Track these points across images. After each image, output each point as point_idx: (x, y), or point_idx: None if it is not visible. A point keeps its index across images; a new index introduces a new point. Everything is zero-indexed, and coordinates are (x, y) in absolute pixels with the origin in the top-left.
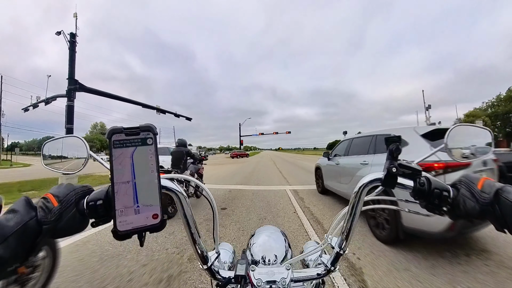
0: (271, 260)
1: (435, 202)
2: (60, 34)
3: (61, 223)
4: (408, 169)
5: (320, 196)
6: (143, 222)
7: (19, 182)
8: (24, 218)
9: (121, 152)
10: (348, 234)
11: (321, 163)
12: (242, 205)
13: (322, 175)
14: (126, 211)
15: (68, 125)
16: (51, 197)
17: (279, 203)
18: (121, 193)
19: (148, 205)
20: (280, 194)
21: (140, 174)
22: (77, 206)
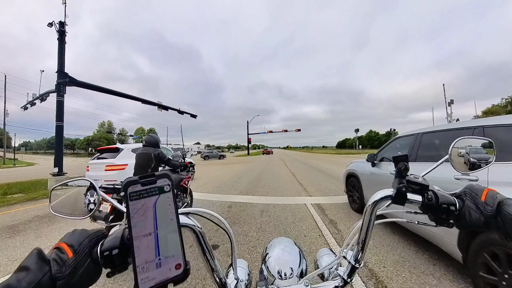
0: (287, 273)
1: (442, 216)
2: (52, 26)
3: (75, 276)
4: (416, 184)
5: (358, 218)
6: (166, 275)
7: (8, 184)
8: (37, 275)
9: (142, 203)
10: (363, 247)
11: (357, 169)
12: (245, 238)
13: (362, 187)
14: (148, 267)
15: (58, 122)
16: (65, 247)
17: (302, 232)
18: (142, 247)
19: (170, 256)
20: (299, 212)
21: (160, 224)
22: (91, 255)
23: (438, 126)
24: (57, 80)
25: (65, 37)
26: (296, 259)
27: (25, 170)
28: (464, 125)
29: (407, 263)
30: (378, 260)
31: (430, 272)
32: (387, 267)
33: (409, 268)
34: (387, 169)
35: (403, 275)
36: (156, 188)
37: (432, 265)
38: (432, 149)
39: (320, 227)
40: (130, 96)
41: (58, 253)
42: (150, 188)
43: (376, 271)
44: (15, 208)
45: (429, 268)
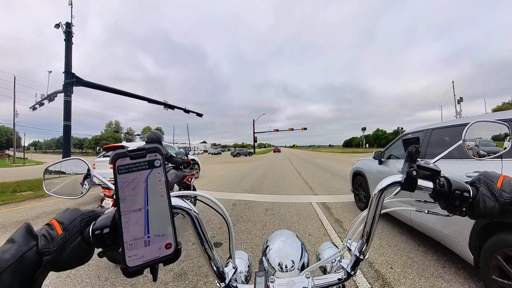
0: (289, 266)
1: (456, 203)
2: (58, 27)
3: (64, 253)
4: (427, 170)
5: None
6: (155, 254)
7: (18, 181)
8: (22, 248)
9: (133, 177)
10: (368, 239)
11: (364, 167)
12: (248, 237)
13: (368, 186)
14: (136, 244)
15: (65, 122)
16: (56, 224)
17: (306, 231)
18: (131, 223)
19: (160, 234)
20: (305, 210)
21: (151, 200)
22: (82, 234)
23: (448, 121)
24: (64, 80)
25: (72, 37)
26: (297, 252)
27: (34, 168)
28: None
29: (415, 264)
30: (385, 260)
31: (439, 275)
32: (394, 268)
33: (417, 270)
34: (394, 167)
35: (411, 277)
36: (146, 162)
37: (442, 267)
38: (442, 146)
39: (326, 226)
40: (137, 96)
41: (47, 229)
42: (140, 162)
43: (383, 272)
44: (24, 205)
45: (438, 270)
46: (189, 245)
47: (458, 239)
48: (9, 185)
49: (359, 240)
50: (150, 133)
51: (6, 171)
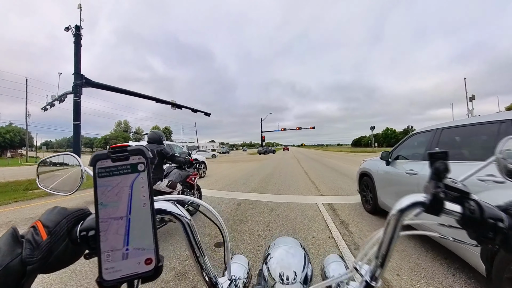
0: (290, 278)
1: (488, 234)
2: (68, 30)
3: (49, 259)
4: (455, 191)
5: (371, 219)
6: (133, 269)
7: (30, 180)
8: (5, 259)
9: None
10: (383, 263)
11: (371, 168)
12: (251, 237)
13: (375, 187)
14: (114, 255)
15: (75, 122)
16: (40, 227)
17: (310, 233)
18: (110, 231)
19: (140, 248)
20: (310, 211)
21: (133, 208)
22: (70, 235)
23: (459, 120)
24: (74, 81)
25: (81, 40)
26: (300, 263)
27: None
28: (489, 119)
29: (423, 272)
30: (391, 267)
31: (449, 284)
32: (401, 276)
33: (425, 278)
34: (402, 168)
35: (418, 285)
36: (128, 166)
37: (451, 275)
38: (453, 147)
39: (330, 228)
40: (145, 96)
41: (33, 233)
42: (121, 166)
43: (388, 279)
44: (34, 202)
45: (448, 279)
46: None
47: (469, 247)
48: (21, 183)
49: (372, 262)
50: (152, 133)
51: (19, 169)
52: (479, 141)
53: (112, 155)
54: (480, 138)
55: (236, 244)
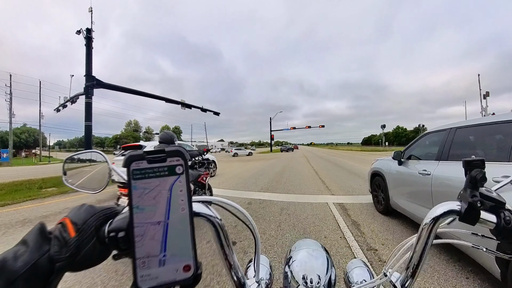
0: (314, 281)
1: None
2: (79, 33)
3: (77, 257)
4: (491, 200)
5: (383, 220)
6: (171, 277)
7: (43, 179)
8: (34, 255)
9: (155, 184)
10: (416, 271)
11: (383, 167)
12: (263, 237)
13: (387, 187)
14: (150, 262)
15: (86, 122)
16: (69, 224)
17: (322, 233)
18: (147, 237)
19: (178, 254)
20: (320, 211)
21: (172, 213)
22: (97, 234)
23: (473, 119)
24: (85, 83)
25: (92, 42)
26: (323, 266)
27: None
28: (505, 118)
29: (436, 273)
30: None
31: (462, 287)
32: None
33: (438, 280)
34: (415, 168)
35: (431, 287)
36: (166, 168)
37: (465, 278)
38: (467, 147)
39: (342, 228)
40: (154, 96)
41: (60, 230)
42: (158, 167)
43: None
44: (48, 200)
45: (461, 282)
46: (203, 244)
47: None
48: (35, 182)
49: (403, 271)
50: (163, 133)
51: (33, 169)
52: (494, 141)
53: (147, 156)
54: (496, 138)
55: (248, 243)
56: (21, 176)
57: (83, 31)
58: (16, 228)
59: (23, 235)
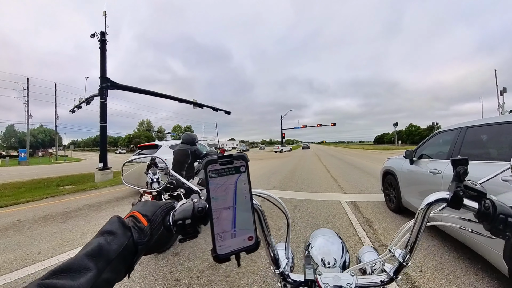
0: (331, 263)
1: (499, 226)
2: (94, 37)
3: (151, 241)
4: (473, 191)
5: (395, 218)
6: (240, 245)
7: (61, 177)
8: (123, 240)
9: (224, 180)
10: (413, 248)
11: (395, 166)
12: (277, 233)
13: (399, 186)
14: (224, 236)
15: (101, 122)
16: (140, 216)
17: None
18: (221, 218)
19: (244, 228)
20: (333, 209)
21: (238, 200)
22: (163, 224)
23: (485, 119)
24: (100, 84)
25: (106, 45)
26: (339, 250)
27: (74, 165)
28: None
29: (446, 270)
30: (415, 264)
31: (471, 283)
32: (424, 272)
33: (447, 276)
34: (426, 167)
35: (440, 282)
36: (233, 168)
37: (474, 275)
38: (478, 147)
39: (355, 226)
40: (167, 96)
41: (134, 221)
42: (228, 168)
43: (412, 275)
44: (67, 198)
45: (470, 279)
46: None
47: (492, 248)
48: (53, 180)
49: (404, 248)
50: (185, 135)
51: (50, 167)
52: (507, 141)
53: (219, 160)
54: (507, 138)
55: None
56: (39, 174)
57: (97, 34)
58: (40, 224)
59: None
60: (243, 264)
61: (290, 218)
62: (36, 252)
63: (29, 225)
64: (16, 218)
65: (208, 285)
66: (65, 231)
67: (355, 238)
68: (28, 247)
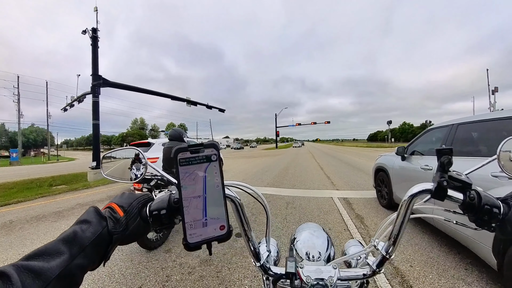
0: (315, 256)
1: (484, 218)
2: (85, 33)
3: (127, 231)
4: (458, 182)
5: (386, 214)
6: (211, 234)
7: (53, 176)
8: (98, 228)
9: (193, 169)
10: (396, 240)
11: (387, 163)
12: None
13: (391, 182)
14: (195, 224)
15: (94, 121)
16: (117, 207)
17: (327, 226)
18: (191, 207)
19: (215, 217)
20: (325, 205)
21: (208, 189)
22: (140, 215)
23: (475, 116)
24: (92, 82)
25: (98, 42)
26: (324, 244)
27: (67, 164)
28: (506, 115)
29: (436, 264)
30: (405, 258)
31: (460, 277)
32: (414, 267)
33: (437, 270)
34: (418, 164)
35: (430, 276)
36: (204, 157)
37: (464, 269)
38: (469, 143)
39: (346, 222)
40: (160, 94)
41: (111, 212)
42: (198, 156)
43: (402, 269)
44: (60, 197)
45: (460, 272)
46: None
47: (482, 242)
48: (45, 180)
49: (387, 240)
50: (172, 131)
51: (42, 167)
52: (496, 138)
53: (190, 148)
54: (498, 134)
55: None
56: (31, 174)
57: (89, 31)
58: (32, 224)
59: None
60: (234, 260)
61: (269, 211)
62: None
63: (21, 225)
64: (8, 218)
65: (199, 280)
66: (57, 230)
67: (346, 233)
68: (20, 247)
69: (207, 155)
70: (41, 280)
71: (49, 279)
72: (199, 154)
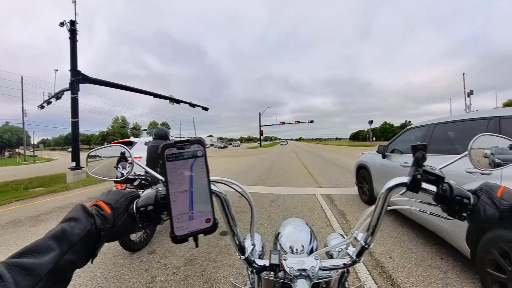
0: (299, 250)
1: (455, 208)
2: (63, 26)
3: (114, 228)
4: (432, 175)
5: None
6: (197, 226)
7: (30, 178)
8: (86, 225)
9: (180, 164)
10: (374, 231)
11: (368, 160)
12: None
13: (372, 179)
14: (182, 218)
15: (73, 119)
16: (103, 205)
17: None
18: (178, 201)
19: (201, 211)
20: (309, 202)
21: (194, 183)
22: (127, 211)
23: (451, 116)
24: (71, 78)
25: (76, 35)
26: (307, 237)
27: (44, 165)
28: (478, 116)
29: (414, 255)
30: (385, 250)
31: (436, 266)
32: (393, 258)
33: (415, 261)
34: (397, 161)
35: (408, 266)
36: (190, 153)
37: (440, 259)
38: (445, 142)
39: (329, 217)
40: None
41: (98, 209)
42: (184, 152)
43: (382, 261)
44: (37, 200)
45: (436, 262)
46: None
47: (456, 233)
48: (21, 182)
49: (366, 232)
50: (157, 129)
51: (18, 169)
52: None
53: (176, 144)
54: (471, 134)
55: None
56: (6, 176)
57: (67, 23)
58: (8, 229)
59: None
60: (219, 258)
61: (254, 205)
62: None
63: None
64: None
65: (184, 280)
66: (35, 235)
67: (329, 229)
68: None
69: (193, 151)
70: (33, 276)
71: (40, 275)
72: (185, 150)
